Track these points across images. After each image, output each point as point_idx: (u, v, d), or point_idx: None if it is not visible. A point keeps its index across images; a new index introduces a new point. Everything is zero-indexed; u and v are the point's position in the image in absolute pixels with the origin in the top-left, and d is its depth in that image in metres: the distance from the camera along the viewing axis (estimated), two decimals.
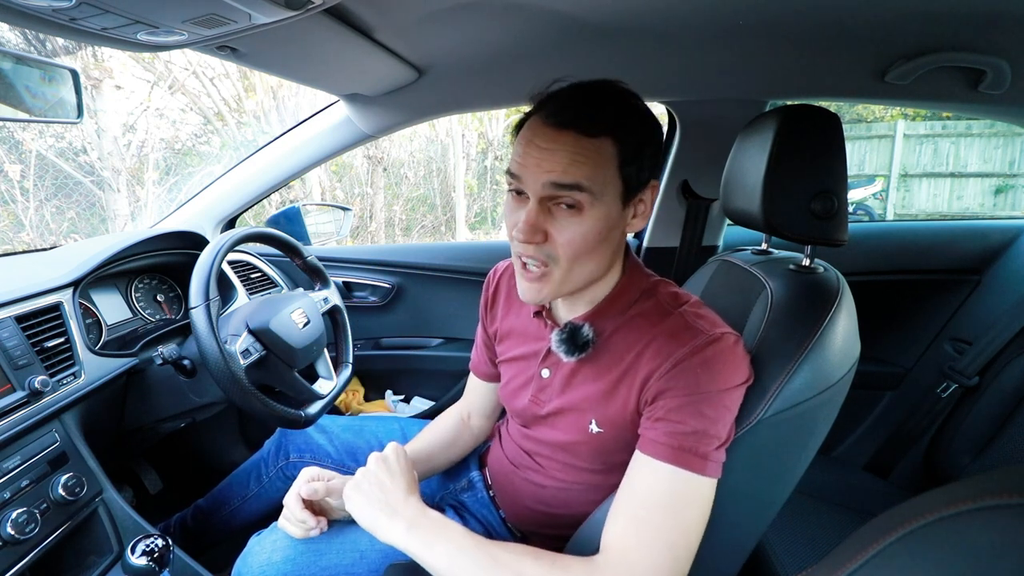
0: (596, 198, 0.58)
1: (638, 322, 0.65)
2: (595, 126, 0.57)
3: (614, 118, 0.58)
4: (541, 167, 0.57)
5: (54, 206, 3.31)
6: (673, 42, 0.98)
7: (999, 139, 6.50)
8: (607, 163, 0.58)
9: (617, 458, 0.65)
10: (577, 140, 0.56)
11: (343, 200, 5.20)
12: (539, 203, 0.58)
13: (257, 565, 0.73)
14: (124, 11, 0.59)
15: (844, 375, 0.65)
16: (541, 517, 0.79)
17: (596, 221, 0.58)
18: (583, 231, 0.58)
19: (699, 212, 1.42)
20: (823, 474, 1.26)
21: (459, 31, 0.92)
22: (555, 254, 0.60)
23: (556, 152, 0.57)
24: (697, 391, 0.58)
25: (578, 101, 0.59)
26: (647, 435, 0.60)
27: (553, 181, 0.57)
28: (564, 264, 0.60)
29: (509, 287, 0.82)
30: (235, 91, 4.38)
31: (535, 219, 0.58)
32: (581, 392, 0.68)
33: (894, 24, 0.88)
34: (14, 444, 0.73)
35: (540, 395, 0.73)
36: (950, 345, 1.43)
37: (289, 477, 1.05)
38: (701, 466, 0.57)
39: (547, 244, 0.59)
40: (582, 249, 0.59)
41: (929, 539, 0.28)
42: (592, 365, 0.67)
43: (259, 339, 1.00)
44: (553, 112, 0.58)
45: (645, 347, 0.63)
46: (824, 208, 0.68)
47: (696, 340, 0.60)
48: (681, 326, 0.62)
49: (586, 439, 0.68)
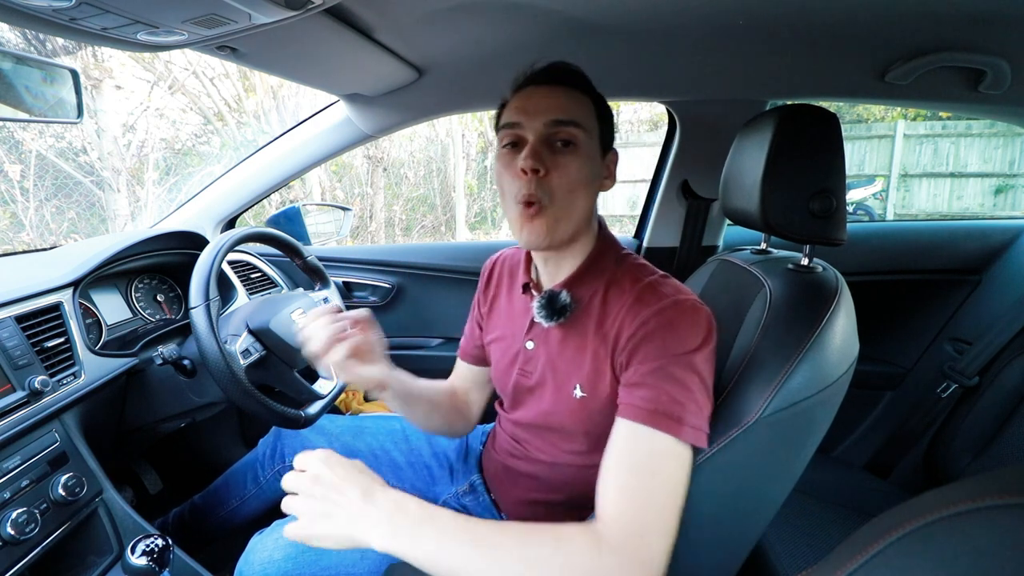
0: (588, 137, 0.66)
1: (613, 290, 0.69)
2: (579, 84, 0.68)
3: (588, 83, 0.69)
4: (541, 108, 0.65)
5: (54, 206, 3.32)
6: (673, 42, 0.98)
7: (999, 139, 6.50)
8: (589, 110, 0.67)
9: (601, 428, 0.64)
10: (568, 92, 0.67)
11: (343, 200, 5.21)
12: (540, 138, 0.65)
13: (259, 564, 0.73)
14: (124, 11, 0.59)
15: (843, 374, 0.65)
16: (539, 507, 0.79)
17: (587, 159, 0.66)
18: (577, 165, 0.65)
19: (699, 212, 1.42)
20: (823, 474, 1.26)
21: (459, 31, 0.92)
22: (551, 189, 0.65)
23: (552, 97, 0.66)
24: (665, 354, 0.60)
25: (558, 67, 0.68)
26: (624, 400, 0.61)
27: (555, 118, 0.64)
28: (560, 199, 0.65)
29: (506, 272, 0.86)
30: (235, 91, 4.38)
31: (538, 148, 0.64)
32: (565, 358, 0.71)
33: (894, 24, 0.88)
34: (14, 444, 0.73)
35: (527, 366, 0.76)
36: (950, 345, 1.43)
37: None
38: (677, 429, 0.57)
39: (545, 179, 0.64)
40: (575, 183, 0.65)
41: (929, 539, 0.28)
42: (574, 332, 0.70)
43: (259, 339, 1.00)
44: (542, 76, 0.68)
45: (618, 312, 0.66)
46: (822, 207, 0.68)
47: (661, 303, 0.63)
48: (647, 291, 0.66)
49: (571, 406, 0.70)
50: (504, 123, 0.68)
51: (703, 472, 0.62)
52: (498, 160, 0.69)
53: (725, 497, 0.63)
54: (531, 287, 0.76)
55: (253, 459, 1.09)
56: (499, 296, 0.85)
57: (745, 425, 0.61)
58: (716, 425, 0.63)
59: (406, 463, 0.99)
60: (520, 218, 0.66)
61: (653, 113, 7.14)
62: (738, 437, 0.61)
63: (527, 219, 0.65)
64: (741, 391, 0.64)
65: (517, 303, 0.80)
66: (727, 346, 0.73)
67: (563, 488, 0.76)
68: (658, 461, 0.57)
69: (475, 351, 0.91)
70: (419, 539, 0.53)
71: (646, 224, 1.52)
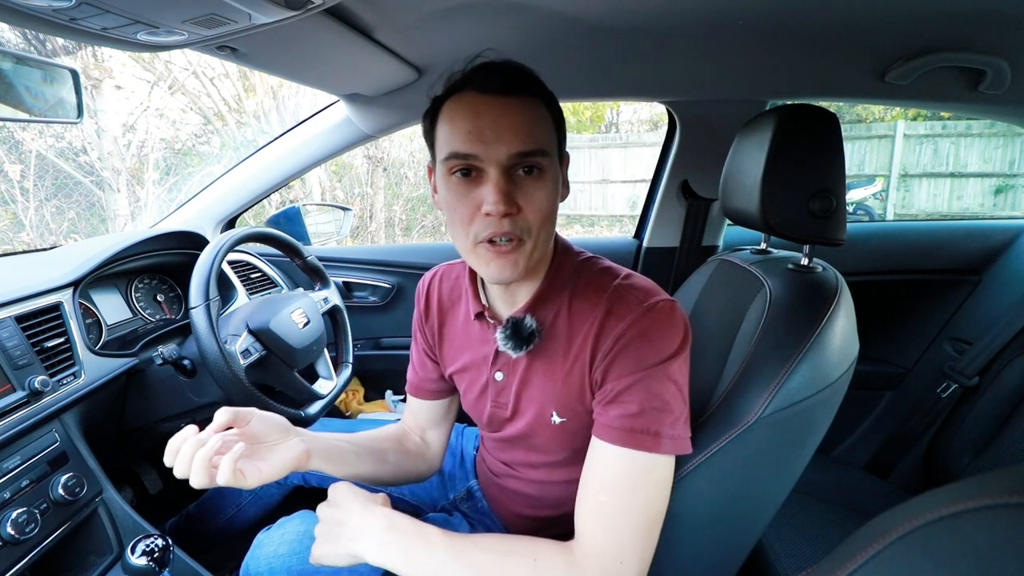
0: (551, 161, 0.58)
1: (577, 305, 0.65)
2: (532, 88, 0.58)
3: (540, 83, 0.60)
4: (502, 139, 0.55)
5: (54, 206, 3.32)
6: (673, 42, 0.98)
7: (999, 139, 6.50)
8: (548, 125, 0.59)
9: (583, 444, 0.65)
10: (523, 104, 0.56)
11: (343, 200, 5.20)
12: (503, 172, 0.56)
13: (265, 558, 0.74)
14: (124, 11, 0.59)
15: (842, 374, 0.65)
16: (536, 522, 0.79)
17: (552, 183, 0.59)
18: (546, 194, 0.58)
19: (699, 212, 1.42)
20: (823, 474, 1.26)
21: (459, 31, 0.92)
22: (527, 224, 0.57)
23: (509, 118, 0.55)
24: (641, 367, 0.58)
25: (507, 69, 0.58)
26: (600, 420, 0.60)
27: (519, 151, 0.55)
28: (535, 232, 0.58)
29: (441, 293, 0.79)
30: (235, 91, 4.38)
31: (507, 188, 0.56)
32: (538, 386, 0.68)
33: (894, 24, 0.88)
34: (14, 444, 0.73)
35: (499, 398, 0.72)
36: (950, 345, 1.43)
37: (282, 483, 1.05)
38: (654, 444, 0.56)
39: (519, 216, 0.57)
40: (547, 213, 0.59)
41: (929, 539, 0.28)
42: (543, 357, 0.66)
43: (259, 339, 1.00)
44: (490, 81, 0.56)
45: (589, 329, 0.62)
46: (822, 207, 0.68)
47: (633, 313, 0.60)
48: (617, 300, 0.62)
49: (550, 431, 0.68)
50: (452, 152, 0.56)
51: (702, 473, 0.62)
52: (446, 187, 0.59)
53: (725, 497, 0.63)
54: (486, 314, 0.70)
55: None
56: (446, 323, 0.78)
57: (745, 425, 0.61)
58: (716, 425, 0.63)
59: None
60: (488, 254, 0.58)
61: (653, 113, 7.14)
62: (738, 437, 0.61)
63: (497, 255, 0.58)
64: (741, 391, 0.64)
65: (473, 329, 0.73)
66: (727, 346, 0.73)
67: (557, 505, 0.75)
68: (636, 479, 0.57)
69: (431, 385, 0.83)
70: (408, 554, 0.57)
71: (646, 224, 1.52)
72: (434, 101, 0.61)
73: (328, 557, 0.60)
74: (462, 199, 0.58)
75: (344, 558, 0.60)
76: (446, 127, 0.57)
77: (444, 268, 0.81)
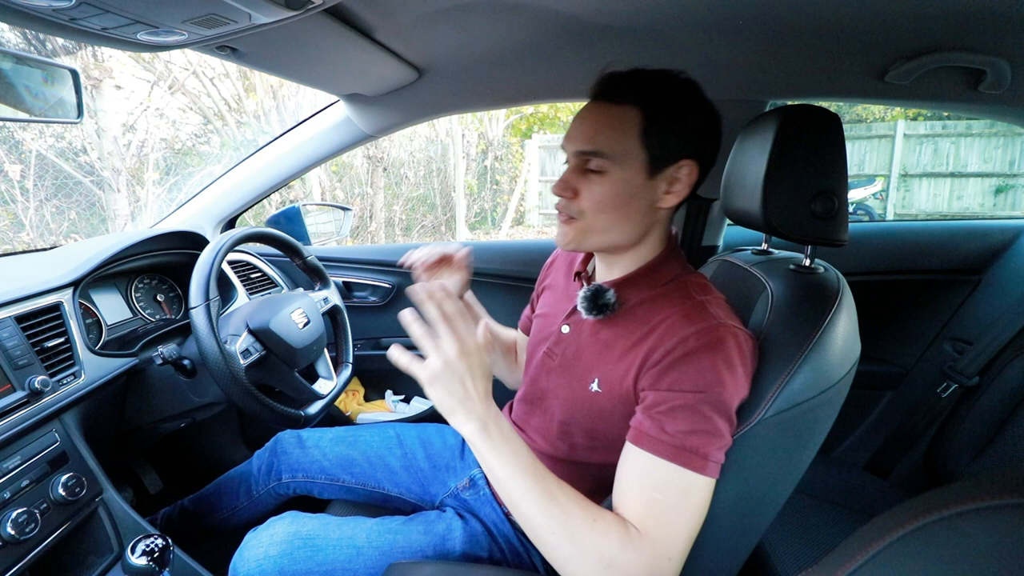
0: (617, 164, 0.65)
1: (662, 301, 0.69)
2: (621, 95, 0.65)
3: (643, 88, 0.65)
4: (573, 138, 0.68)
5: (54, 206, 3.32)
6: (673, 42, 0.98)
7: (999, 139, 6.50)
8: (629, 131, 0.64)
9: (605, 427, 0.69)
10: (602, 109, 0.66)
11: (343, 200, 5.20)
12: (574, 165, 0.69)
13: (254, 560, 0.73)
14: (124, 11, 0.59)
15: (844, 375, 0.65)
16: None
17: (616, 184, 0.66)
18: (603, 191, 0.66)
19: (699, 212, 1.42)
20: (823, 474, 1.26)
21: (459, 31, 0.92)
22: (580, 209, 0.68)
23: (584, 122, 0.67)
24: (699, 389, 0.58)
25: (614, 76, 0.67)
26: (648, 431, 0.60)
27: (578, 150, 0.67)
28: (588, 217, 0.68)
29: (562, 262, 0.92)
30: (235, 91, 4.38)
31: (568, 176, 0.69)
32: (593, 351, 0.72)
33: (894, 24, 0.88)
34: (14, 444, 0.73)
35: (555, 347, 0.78)
36: (950, 345, 1.43)
37: (280, 495, 1.05)
38: (702, 466, 0.57)
39: (574, 201, 0.68)
40: (602, 207, 0.67)
41: (929, 539, 0.28)
42: (610, 329, 0.71)
43: (259, 339, 1.00)
44: (593, 88, 0.68)
45: (660, 324, 0.65)
46: (824, 208, 0.68)
47: (706, 322, 0.62)
48: (696, 309, 0.65)
49: (585, 397, 0.71)
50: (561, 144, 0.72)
51: None
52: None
53: (727, 498, 0.63)
54: (582, 276, 0.79)
55: (247, 472, 1.08)
56: (556, 277, 0.91)
57: (747, 426, 0.61)
58: None
59: (401, 467, 0.99)
60: (558, 218, 0.72)
61: None
62: (740, 438, 0.61)
63: (560, 221, 0.71)
64: None
65: (569, 286, 0.83)
66: None
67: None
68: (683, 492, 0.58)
69: (528, 323, 0.98)
70: (497, 452, 0.58)
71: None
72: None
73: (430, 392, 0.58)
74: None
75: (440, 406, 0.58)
76: None
77: None
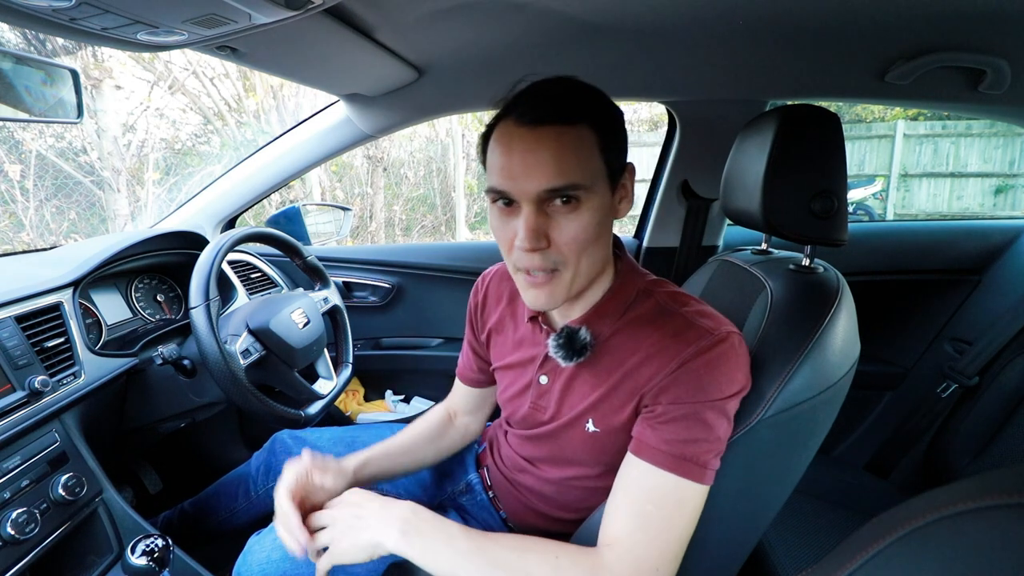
0: (589, 190, 0.56)
1: (637, 324, 0.64)
2: (573, 114, 0.55)
3: (587, 104, 0.57)
4: (530, 175, 0.55)
5: (54, 206, 3.31)
6: (673, 42, 0.98)
7: (999, 139, 6.50)
8: (591, 151, 0.56)
9: (612, 458, 0.66)
10: (559, 134, 0.54)
11: (343, 200, 5.20)
12: (535, 208, 0.56)
13: (257, 564, 0.73)
14: (124, 11, 0.59)
15: (844, 375, 0.65)
16: (542, 518, 0.79)
17: (593, 212, 0.57)
18: (583, 225, 0.57)
19: (699, 212, 1.42)
20: (823, 474, 1.26)
21: (459, 31, 0.92)
22: (561, 257, 0.58)
23: (540, 153, 0.54)
24: (701, 398, 0.58)
25: (548, 94, 0.57)
26: (648, 441, 0.59)
27: (547, 188, 0.55)
28: (572, 263, 0.58)
29: (499, 292, 0.80)
30: (235, 91, 4.37)
31: (535, 224, 0.56)
32: (580, 395, 0.68)
33: (894, 24, 0.88)
34: (14, 444, 0.73)
35: (539, 401, 0.73)
36: (950, 345, 1.43)
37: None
38: (700, 475, 0.57)
39: (551, 249, 0.57)
40: (585, 243, 0.58)
41: (929, 539, 0.28)
42: (591, 369, 0.66)
43: (259, 339, 1.00)
44: (526, 110, 0.55)
45: (648, 351, 0.62)
46: (824, 208, 0.68)
47: (702, 340, 0.59)
48: (685, 326, 0.61)
49: (581, 437, 0.69)
50: (490, 187, 0.58)
51: None
52: (491, 214, 0.61)
53: (726, 499, 0.63)
54: (539, 319, 0.71)
55: (246, 472, 1.08)
56: (499, 321, 0.80)
57: (747, 427, 0.61)
58: None
59: None
60: (524, 282, 0.61)
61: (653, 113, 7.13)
62: (740, 439, 0.61)
63: (532, 285, 0.60)
64: None
65: (523, 331, 0.75)
66: None
67: (570, 507, 0.75)
68: (677, 503, 0.57)
69: (475, 375, 0.88)
70: (429, 542, 0.58)
71: (646, 224, 1.52)
72: (487, 127, 0.61)
73: (348, 553, 0.59)
74: (502, 228, 0.60)
75: (364, 550, 0.59)
76: (490, 158, 0.59)
77: (502, 267, 0.82)
